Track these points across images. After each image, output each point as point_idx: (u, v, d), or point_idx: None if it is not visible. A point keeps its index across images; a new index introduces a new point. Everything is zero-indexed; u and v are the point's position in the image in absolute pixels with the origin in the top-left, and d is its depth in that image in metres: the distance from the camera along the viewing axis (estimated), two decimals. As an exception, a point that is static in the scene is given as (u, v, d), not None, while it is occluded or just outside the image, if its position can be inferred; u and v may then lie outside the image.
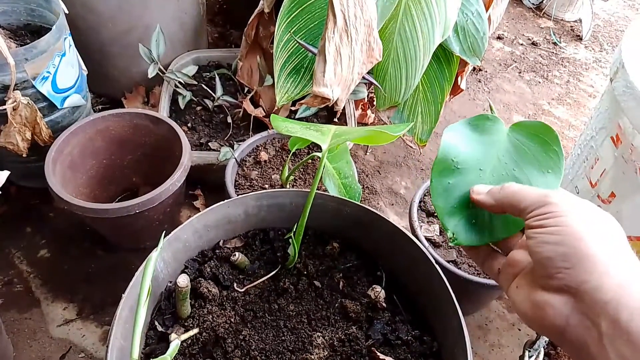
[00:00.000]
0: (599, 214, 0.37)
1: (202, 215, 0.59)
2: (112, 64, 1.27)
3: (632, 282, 0.32)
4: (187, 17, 1.30)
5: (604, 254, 0.33)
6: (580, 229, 0.34)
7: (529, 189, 0.40)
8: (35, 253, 1.07)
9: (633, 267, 0.33)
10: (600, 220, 0.36)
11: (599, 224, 0.36)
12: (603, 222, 0.36)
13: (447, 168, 0.47)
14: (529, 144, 0.47)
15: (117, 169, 1.09)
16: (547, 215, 0.36)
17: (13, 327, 0.95)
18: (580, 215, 0.35)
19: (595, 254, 0.33)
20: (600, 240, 0.34)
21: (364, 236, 0.63)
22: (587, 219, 0.35)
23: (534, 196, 0.38)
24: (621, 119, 0.77)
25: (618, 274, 0.32)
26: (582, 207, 0.37)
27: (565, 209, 0.36)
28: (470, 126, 0.49)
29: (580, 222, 0.35)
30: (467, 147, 0.47)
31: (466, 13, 1.00)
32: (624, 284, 0.32)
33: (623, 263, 0.33)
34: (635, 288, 0.32)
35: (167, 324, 0.55)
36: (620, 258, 0.34)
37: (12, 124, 0.92)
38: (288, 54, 0.93)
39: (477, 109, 1.60)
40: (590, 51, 1.95)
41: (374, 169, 1.35)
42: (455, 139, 0.47)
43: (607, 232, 0.35)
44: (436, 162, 0.47)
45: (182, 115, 1.21)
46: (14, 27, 1.07)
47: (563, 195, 0.37)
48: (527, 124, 0.48)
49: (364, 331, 0.56)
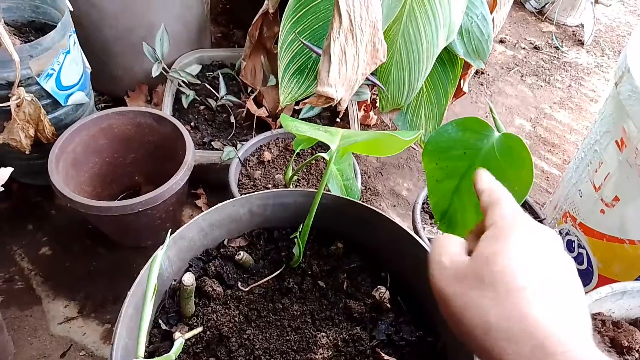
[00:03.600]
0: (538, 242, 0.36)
1: (207, 214, 0.58)
2: (115, 62, 1.27)
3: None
4: (191, 16, 1.30)
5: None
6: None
7: (484, 185, 0.41)
8: (36, 250, 1.07)
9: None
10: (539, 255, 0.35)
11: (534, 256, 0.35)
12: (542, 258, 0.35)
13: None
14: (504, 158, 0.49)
15: (120, 167, 1.09)
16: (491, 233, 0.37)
17: (14, 324, 0.95)
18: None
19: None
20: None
21: (369, 237, 0.63)
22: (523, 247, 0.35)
23: (485, 199, 0.40)
24: (626, 123, 0.77)
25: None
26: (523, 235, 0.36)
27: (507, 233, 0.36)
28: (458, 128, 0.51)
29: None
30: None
31: (471, 16, 1.00)
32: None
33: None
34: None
35: (171, 322, 0.55)
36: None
37: (15, 120, 0.92)
38: (292, 54, 0.93)
39: (479, 112, 1.60)
40: (592, 56, 1.95)
41: (376, 171, 1.35)
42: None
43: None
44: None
45: (185, 115, 1.21)
46: (18, 23, 1.07)
47: (509, 213, 0.38)
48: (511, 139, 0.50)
49: (368, 332, 0.56)
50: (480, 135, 0.52)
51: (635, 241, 0.80)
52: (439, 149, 0.53)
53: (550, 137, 1.57)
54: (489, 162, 0.51)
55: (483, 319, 0.33)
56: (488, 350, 0.33)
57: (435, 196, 0.55)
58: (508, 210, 0.38)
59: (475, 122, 0.52)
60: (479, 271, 0.35)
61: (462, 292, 0.35)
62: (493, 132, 0.52)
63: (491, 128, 0.52)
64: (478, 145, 0.52)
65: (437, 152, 0.54)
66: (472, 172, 0.51)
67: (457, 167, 0.54)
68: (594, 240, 0.88)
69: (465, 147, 0.53)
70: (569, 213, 0.95)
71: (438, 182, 0.54)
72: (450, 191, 0.53)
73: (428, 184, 0.55)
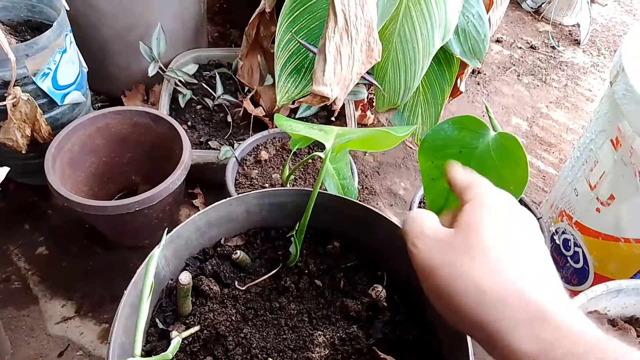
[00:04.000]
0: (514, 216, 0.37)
1: (204, 213, 0.59)
2: (112, 62, 1.27)
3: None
4: (188, 15, 1.30)
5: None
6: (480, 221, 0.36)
7: (459, 175, 0.43)
8: (33, 250, 1.07)
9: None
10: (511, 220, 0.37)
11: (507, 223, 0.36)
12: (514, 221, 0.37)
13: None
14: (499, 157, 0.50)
15: (117, 167, 1.09)
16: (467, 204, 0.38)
17: (11, 324, 0.95)
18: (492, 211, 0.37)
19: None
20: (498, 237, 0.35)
21: (365, 235, 0.64)
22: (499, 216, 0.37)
23: (462, 183, 0.41)
24: (621, 122, 0.77)
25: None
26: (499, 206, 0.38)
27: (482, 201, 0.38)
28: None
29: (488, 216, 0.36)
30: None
31: (467, 15, 1.00)
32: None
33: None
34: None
35: (168, 321, 0.55)
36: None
37: (11, 120, 0.92)
38: (289, 53, 0.93)
39: (475, 112, 1.61)
40: (588, 55, 1.96)
41: (373, 170, 1.36)
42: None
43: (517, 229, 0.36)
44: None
45: (182, 114, 1.21)
46: (14, 23, 1.07)
47: (486, 189, 0.39)
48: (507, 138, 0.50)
49: (365, 330, 0.56)
50: (476, 134, 0.52)
51: (631, 240, 0.80)
52: (435, 147, 0.53)
53: (547, 137, 1.57)
54: (484, 161, 0.51)
55: (476, 285, 0.33)
56: (480, 318, 0.33)
57: (431, 194, 0.56)
58: (488, 187, 0.40)
59: (471, 120, 0.53)
60: (468, 239, 0.35)
61: (450, 262, 0.35)
62: (489, 131, 0.52)
63: (487, 127, 0.53)
64: (474, 144, 0.52)
65: (432, 151, 0.54)
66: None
67: None
68: (590, 238, 0.88)
69: (461, 146, 0.53)
70: (565, 212, 0.95)
71: (434, 180, 0.54)
72: (446, 189, 0.53)
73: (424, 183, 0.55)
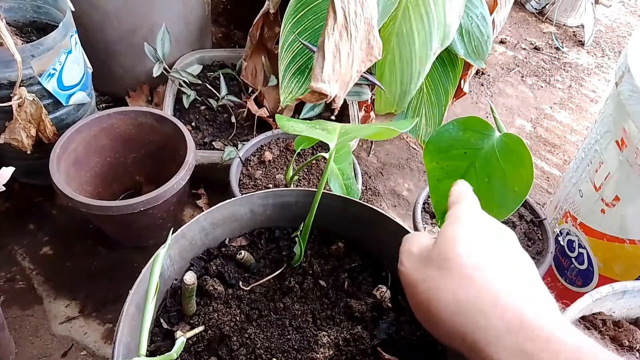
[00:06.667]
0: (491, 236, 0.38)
1: (209, 213, 0.59)
2: (117, 63, 1.27)
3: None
4: (192, 16, 1.30)
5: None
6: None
7: (453, 192, 0.44)
8: (37, 250, 1.07)
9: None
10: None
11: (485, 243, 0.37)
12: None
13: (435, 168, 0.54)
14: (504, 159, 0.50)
15: (121, 167, 1.09)
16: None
17: (15, 323, 0.95)
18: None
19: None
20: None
21: (369, 236, 0.64)
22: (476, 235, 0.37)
23: (450, 200, 0.43)
24: (626, 122, 0.77)
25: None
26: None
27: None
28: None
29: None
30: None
31: (471, 16, 1.00)
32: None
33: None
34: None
35: (173, 321, 0.55)
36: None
37: (17, 120, 0.92)
38: (293, 54, 0.93)
39: (479, 113, 1.61)
40: (592, 56, 1.96)
41: (376, 171, 1.35)
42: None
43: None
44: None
45: (186, 115, 1.21)
46: (20, 23, 1.07)
47: (466, 205, 0.41)
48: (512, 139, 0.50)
49: (369, 331, 0.56)
50: (480, 135, 0.52)
51: (636, 241, 0.80)
52: (440, 148, 0.54)
53: (551, 138, 1.57)
54: (489, 161, 0.51)
55: (453, 296, 0.34)
56: (460, 330, 0.33)
57: (436, 195, 0.56)
58: (469, 204, 0.41)
59: (476, 121, 0.53)
60: (444, 253, 0.36)
61: (429, 276, 0.36)
62: (494, 132, 0.52)
63: (492, 128, 0.53)
64: (479, 144, 0.52)
65: (437, 152, 0.54)
66: (473, 172, 0.51)
67: (457, 167, 0.54)
68: (595, 240, 0.88)
69: (465, 147, 0.53)
70: (570, 213, 0.95)
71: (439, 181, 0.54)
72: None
73: (429, 183, 0.55)
